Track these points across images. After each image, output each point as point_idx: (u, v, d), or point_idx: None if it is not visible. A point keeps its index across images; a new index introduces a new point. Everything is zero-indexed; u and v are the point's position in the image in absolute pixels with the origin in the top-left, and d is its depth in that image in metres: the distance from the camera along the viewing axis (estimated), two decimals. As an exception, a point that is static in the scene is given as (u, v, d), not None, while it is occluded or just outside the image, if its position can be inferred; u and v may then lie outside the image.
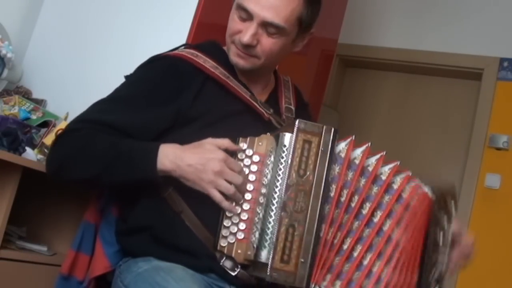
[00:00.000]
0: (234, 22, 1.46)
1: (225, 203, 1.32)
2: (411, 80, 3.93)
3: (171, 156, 1.33)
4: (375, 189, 1.38)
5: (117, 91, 1.47)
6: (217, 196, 1.32)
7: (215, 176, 1.31)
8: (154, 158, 1.32)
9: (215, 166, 1.30)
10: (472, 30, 3.65)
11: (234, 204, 1.34)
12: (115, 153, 1.35)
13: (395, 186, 1.39)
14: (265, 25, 1.44)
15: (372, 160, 1.39)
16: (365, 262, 1.36)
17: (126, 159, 1.34)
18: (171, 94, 1.43)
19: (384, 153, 1.40)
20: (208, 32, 2.05)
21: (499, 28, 3.58)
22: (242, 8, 1.44)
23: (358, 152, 1.38)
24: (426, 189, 1.44)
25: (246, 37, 1.44)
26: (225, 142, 1.34)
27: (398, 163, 1.41)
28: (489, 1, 3.65)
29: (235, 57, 1.49)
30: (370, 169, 1.38)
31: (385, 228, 1.38)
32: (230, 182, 1.32)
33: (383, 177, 1.39)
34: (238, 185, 1.32)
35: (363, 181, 1.38)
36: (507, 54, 3.55)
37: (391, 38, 3.86)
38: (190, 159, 1.32)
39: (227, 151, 1.35)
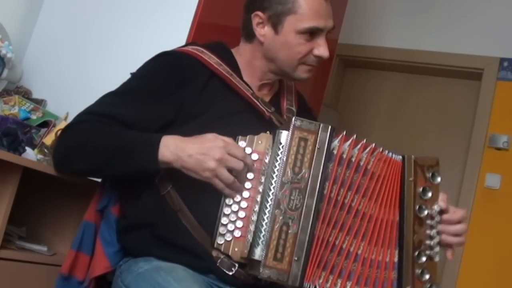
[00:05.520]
0: (301, 45, 1.49)
1: (227, 190, 1.33)
2: (411, 80, 3.93)
3: (172, 147, 1.34)
4: (355, 176, 1.38)
5: (124, 84, 1.50)
6: (219, 184, 1.32)
7: (216, 164, 1.31)
8: (156, 150, 1.34)
9: (215, 153, 1.31)
10: (472, 30, 3.64)
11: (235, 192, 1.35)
12: (118, 144, 1.37)
13: (362, 163, 1.39)
14: (329, 31, 1.52)
15: (355, 150, 1.38)
16: (352, 249, 1.37)
17: (128, 150, 1.36)
18: (175, 87, 1.45)
19: (355, 136, 1.39)
20: (208, 32, 2.05)
21: (499, 28, 3.58)
22: (310, 29, 1.48)
23: (346, 146, 1.38)
24: (393, 156, 1.42)
25: (327, 51, 1.51)
26: (230, 141, 1.34)
27: (365, 141, 1.40)
28: (489, 1, 3.65)
29: (306, 73, 1.54)
30: (353, 159, 1.38)
31: (360, 206, 1.38)
32: (232, 169, 1.32)
33: (353, 159, 1.38)
34: (240, 170, 1.32)
35: (349, 174, 1.37)
36: (507, 54, 3.55)
37: (391, 38, 3.85)
38: (190, 150, 1.33)
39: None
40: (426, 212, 1.42)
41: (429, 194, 1.43)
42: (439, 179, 1.44)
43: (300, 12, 1.47)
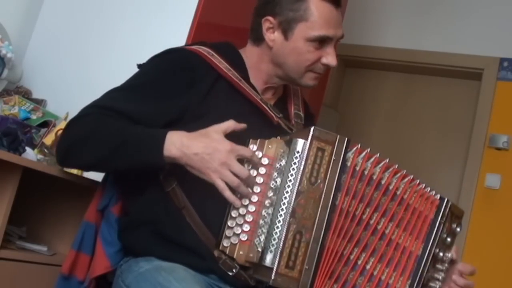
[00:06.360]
0: (310, 53, 1.49)
1: (227, 192, 1.31)
2: (411, 80, 3.93)
3: (177, 144, 1.33)
4: (383, 199, 1.39)
5: (131, 80, 1.49)
6: (220, 185, 1.30)
7: (220, 166, 1.30)
8: (161, 145, 1.33)
9: (221, 156, 1.30)
10: (472, 30, 3.65)
11: (239, 197, 1.33)
12: (123, 138, 1.35)
13: (398, 192, 1.40)
14: (338, 40, 1.53)
15: (377, 168, 1.38)
16: (367, 267, 1.38)
17: (133, 144, 1.35)
18: (182, 86, 1.44)
19: (387, 160, 1.39)
20: (208, 32, 2.05)
21: (499, 28, 3.58)
22: (320, 38, 1.48)
23: (360, 159, 1.37)
24: (430, 191, 1.45)
25: (335, 60, 1.52)
26: (230, 124, 1.34)
27: (405, 171, 1.42)
28: (489, 1, 3.65)
29: (313, 81, 1.55)
30: (374, 177, 1.38)
31: (387, 231, 1.39)
32: (236, 174, 1.31)
33: (391, 187, 1.39)
34: (244, 178, 1.31)
35: (371, 192, 1.37)
36: (507, 54, 3.55)
37: (391, 38, 3.86)
38: (196, 148, 1.32)
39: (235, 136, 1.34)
40: (441, 255, 1.45)
41: (449, 240, 1.46)
42: (459, 230, 1.50)
43: (311, 20, 1.47)
